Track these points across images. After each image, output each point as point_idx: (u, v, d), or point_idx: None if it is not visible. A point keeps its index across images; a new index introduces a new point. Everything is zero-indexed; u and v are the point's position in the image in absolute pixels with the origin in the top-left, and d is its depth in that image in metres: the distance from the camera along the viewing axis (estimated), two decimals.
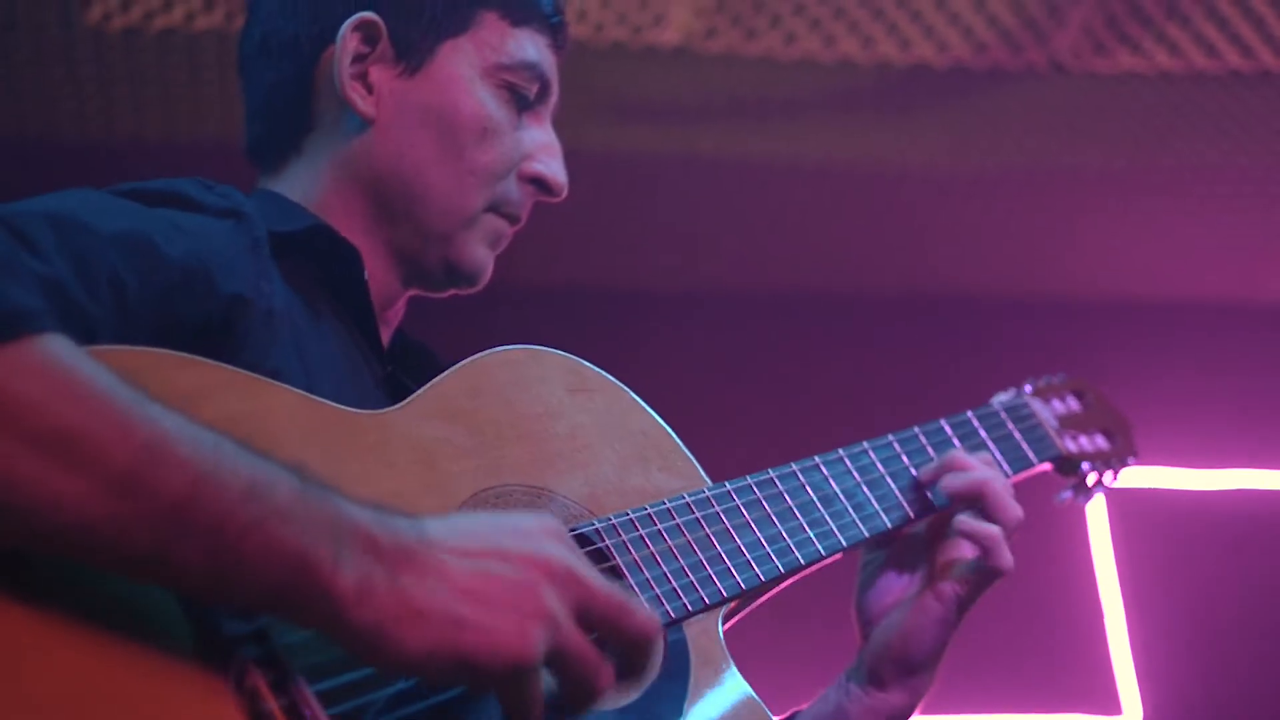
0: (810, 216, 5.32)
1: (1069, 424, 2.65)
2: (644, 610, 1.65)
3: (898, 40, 4.51)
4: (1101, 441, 2.69)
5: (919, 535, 2.31)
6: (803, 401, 5.34)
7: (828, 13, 4.41)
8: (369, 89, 2.17)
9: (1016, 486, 2.37)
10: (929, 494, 2.30)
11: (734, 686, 1.97)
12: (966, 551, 2.25)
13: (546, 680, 1.59)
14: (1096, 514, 5.43)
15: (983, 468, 2.28)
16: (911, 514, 2.28)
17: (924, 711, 2.29)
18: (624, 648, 1.65)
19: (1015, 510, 2.25)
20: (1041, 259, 5.55)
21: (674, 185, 4.99)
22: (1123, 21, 4.45)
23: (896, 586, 2.31)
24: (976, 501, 2.25)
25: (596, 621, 1.61)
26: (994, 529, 2.24)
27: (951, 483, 2.27)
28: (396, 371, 2.18)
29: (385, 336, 2.23)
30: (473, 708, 1.69)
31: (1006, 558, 2.23)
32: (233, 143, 2.30)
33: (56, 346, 1.47)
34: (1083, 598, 5.41)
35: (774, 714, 1.97)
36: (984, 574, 2.24)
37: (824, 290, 5.64)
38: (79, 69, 4.53)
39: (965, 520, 2.26)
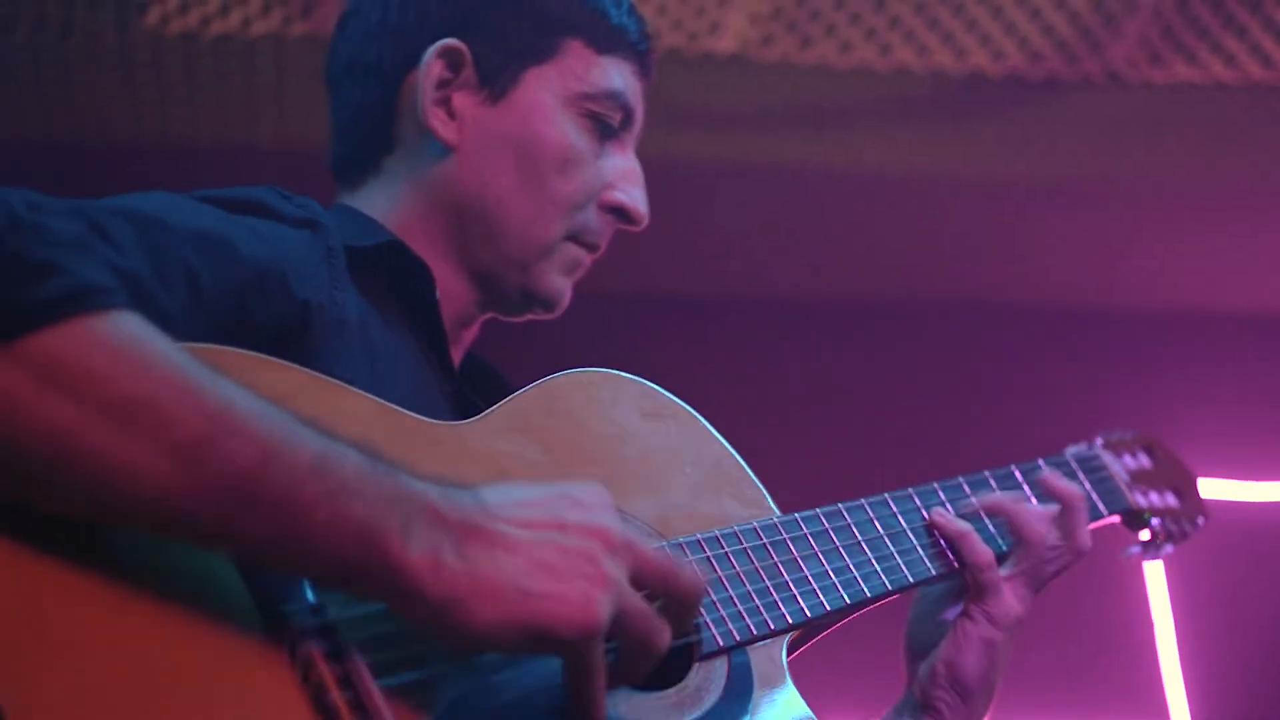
0: (864, 225, 5.31)
1: (1139, 479, 2.63)
2: (690, 569, 1.72)
3: (953, 49, 4.51)
4: (1171, 499, 2.67)
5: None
6: (856, 412, 5.34)
7: (883, 21, 4.41)
8: (451, 115, 2.18)
9: None
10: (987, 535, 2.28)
11: (796, 712, 1.97)
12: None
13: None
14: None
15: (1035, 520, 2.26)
16: (933, 572, 2.23)
17: None
18: (674, 607, 1.69)
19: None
20: (1096, 269, 5.53)
21: (729, 193, 4.99)
22: (1179, 32, 4.44)
23: (945, 618, 2.28)
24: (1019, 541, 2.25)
25: (649, 583, 1.67)
26: (1077, 490, 2.29)
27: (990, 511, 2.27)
28: (465, 389, 2.19)
29: (457, 356, 2.24)
30: (523, 680, 1.71)
31: (1084, 535, 2.26)
32: (287, 147, 2.32)
33: (125, 320, 1.49)
34: (1132, 606, 5.40)
35: None
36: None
37: (878, 299, 5.63)
38: (135, 73, 4.55)
39: (1049, 476, 2.30)
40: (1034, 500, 2.35)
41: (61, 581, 1.47)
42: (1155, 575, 5.40)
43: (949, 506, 2.27)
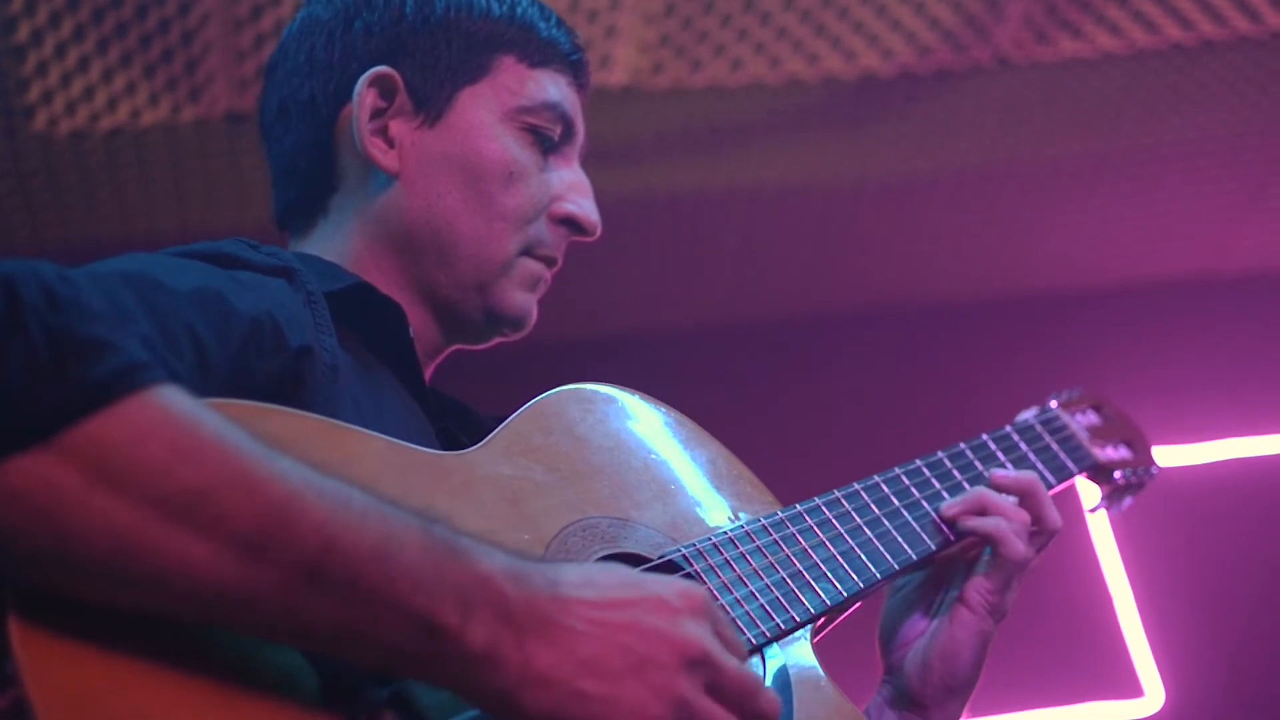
0: (773, 241, 5.32)
1: (1096, 435, 2.69)
2: (769, 694, 1.67)
3: (842, 53, 4.54)
4: (1126, 452, 2.75)
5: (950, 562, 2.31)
6: (793, 426, 5.34)
7: (770, 34, 4.43)
8: (390, 143, 2.16)
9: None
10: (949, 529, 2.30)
11: (837, 701, 2.01)
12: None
13: None
14: (1091, 499, 5.42)
15: (998, 514, 2.26)
16: (933, 547, 2.27)
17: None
18: None
19: (1020, 549, 2.24)
20: (1008, 254, 5.57)
21: (633, 225, 4.99)
22: (1061, 8, 4.48)
23: (926, 613, 2.29)
24: (989, 543, 2.25)
25: (726, 700, 1.62)
26: (997, 522, 2.23)
27: (967, 524, 2.25)
28: (448, 426, 2.17)
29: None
30: None
31: (1017, 547, 2.22)
32: (190, 232, 2.29)
33: (174, 398, 1.44)
34: (1089, 585, 5.41)
35: None
36: (1004, 569, 2.24)
37: (796, 313, 5.64)
38: (29, 180, 4.52)
39: (969, 521, 2.26)
40: (1002, 457, 2.43)
41: (111, 655, 1.43)
42: (1107, 549, 5.41)
43: (933, 484, 2.31)
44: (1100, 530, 5.42)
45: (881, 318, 5.66)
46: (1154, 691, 5.31)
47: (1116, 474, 2.70)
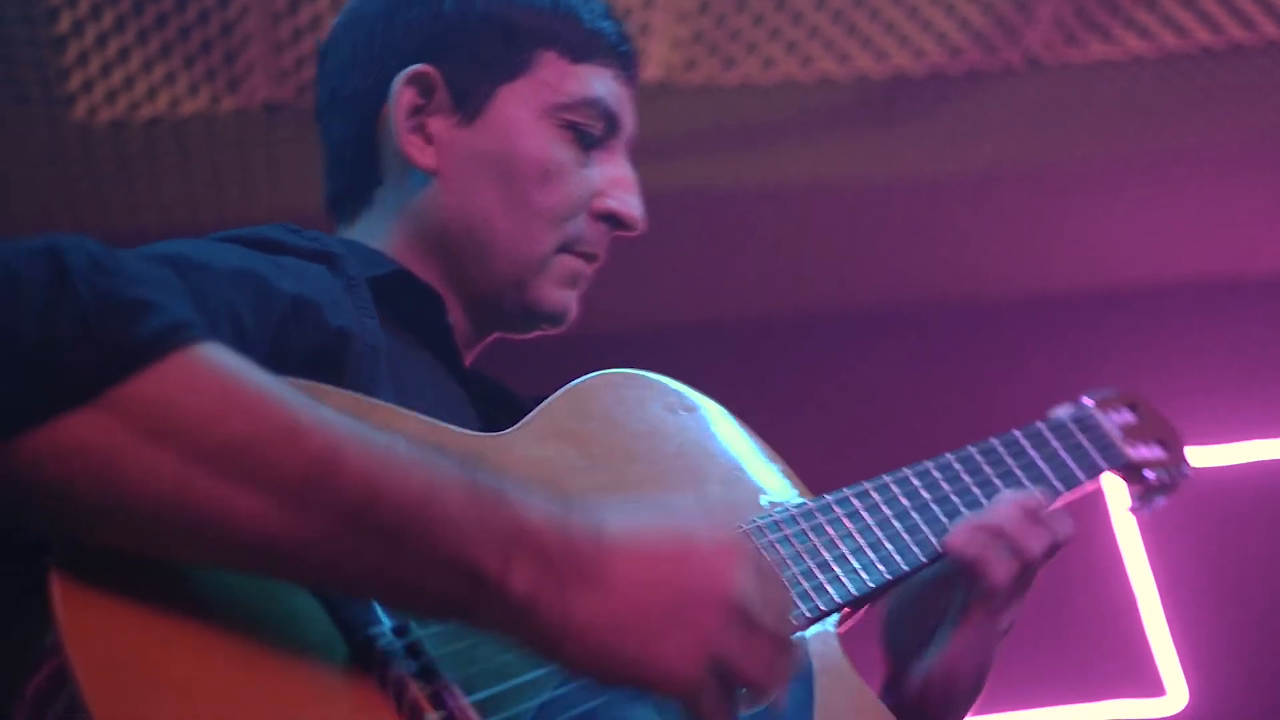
0: (803, 238, 5.34)
1: (1129, 434, 2.68)
2: (798, 648, 1.69)
3: (874, 53, 4.55)
4: (1159, 451, 2.72)
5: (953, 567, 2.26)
6: (820, 423, 5.35)
7: (802, 33, 4.45)
8: (428, 140, 2.16)
9: None
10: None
11: (859, 690, 2.03)
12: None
13: None
14: (1117, 499, 5.44)
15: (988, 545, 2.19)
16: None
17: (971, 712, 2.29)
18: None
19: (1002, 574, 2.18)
20: (1036, 254, 5.58)
21: (664, 220, 5.00)
22: (1091, 10, 4.49)
23: (929, 621, 2.25)
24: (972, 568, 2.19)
25: (759, 656, 1.63)
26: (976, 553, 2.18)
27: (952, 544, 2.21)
28: (489, 410, 2.18)
29: None
30: (621, 715, 1.70)
31: (997, 574, 2.16)
32: (228, 222, 2.30)
33: (218, 353, 1.46)
34: (1113, 582, 5.42)
35: None
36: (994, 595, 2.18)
37: (825, 309, 5.66)
38: (69, 168, 4.56)
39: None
40: (1034, 454, 2.42)
41: (151, 625, 1.46)
42: (1133, 547, 5.43)
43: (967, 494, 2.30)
44: (1126, 529, 5.44)
45: (909, 316, 5.67)
46: (1177, 691, 5.32)
47: (1148, 473, 2.68)
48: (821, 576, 2.05)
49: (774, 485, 2.15)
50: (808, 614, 2.00)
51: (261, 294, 1.74)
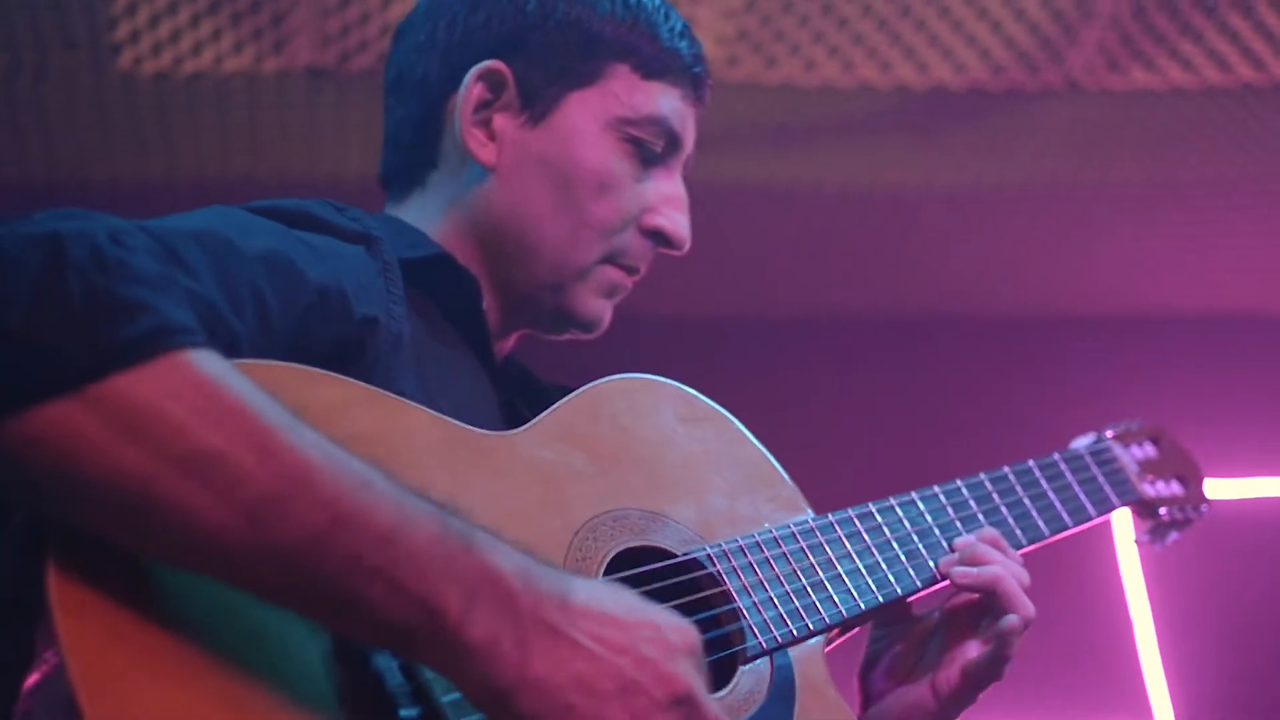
0: (831, 242, 5.35)
1: (1147, 469, 2.70)
2: None
3: (915, 64, 4.56)
4: (1177, 488, 2.75)
5: (932, 620, 2.28)
6: (835, 429, 5.37)
7: (846, 39, 4.46)
8: (491, 136, 2.17)
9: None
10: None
11: (838, 710, 2.04)
12: (972, 650, 2.21)
13: None
14: (1121, 523, 5.46)
15: (996, 564, 2.21)
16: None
17: None
18: None
19: (1028, 607, 2.18)
20: (1064, 275, 5.58)
21: (695, 213, 5.02)
22: (1137, 39, 4.49)
23: (901, 671, 2.27)
24: (988, 598, 2.20)
25: None
26: (996, 571, 2.19)
27: (963, 577, 2.21)
28: (511, 398, 2.20)
29: None
30: None
31: (1021, 606, 2.17)
32: (262, 183, 2.32)
33: (207, 362, 1.48)
34: (1111, 605, 5.43)
35: None
36: (987, 667, 2.19)
37: (848, 314, 5.67)
38: (110, 115, 4.58)
39: (962, 573, 2.21)
40: (1045, 484, 2.44)
41: (147, 626, 1.48)
42: (1133, 574, 5.44)
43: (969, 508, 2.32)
44: (1128, 555, 5.45)
45: (928, 327, 5.68)
46: (1163, 716, 5.33)
47: (1162, 510, 2.70)
48: (814, 596, 2.07)
49: (780, 500, 2.16)
50: (795, 632, 2.02)
51: (289, 281, 1.76)
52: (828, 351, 5.60)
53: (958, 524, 2.29)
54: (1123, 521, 5.45)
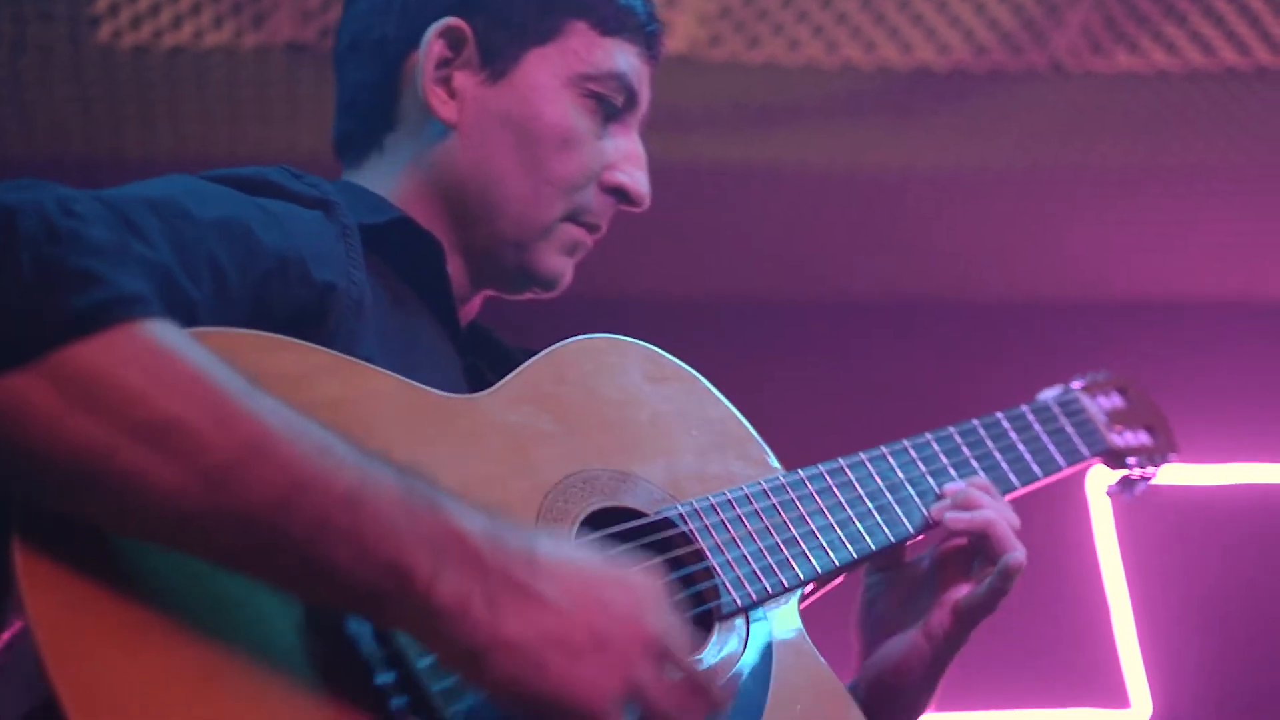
0: (814, 222, 5.35)
1: (1115, 419, 2.70)
2: (718, 690, 1.70)
3: (899, 44, 4.56)
4: (1145, 437, 2.75)
5: (922, 566, 2.30)
6: (811, 408, 5.36)
7: (830, 18, 4.45)
8: (452, 94, 2.17)
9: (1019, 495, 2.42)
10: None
11: (814, 665, 2.02)
12: (964, 591, 2.23)
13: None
14: (1100, 509, 5.47)
15: (988, 506, 2.24)
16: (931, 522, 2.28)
17: (931, 709, 2.30)
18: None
19: (1020, 549, 2.20)
20: (1045, 258, 5.59)
21: (677, 192, 5.02)
22: (1120, 21, 4.49)
23: (894, 618, 2.29)
24: (981, 540, 2.22)
25: (676, 691, 1.65)
26: (989, 515, 2.22)
27: (956, 522, 2.24)
28: (475, 361, 2.20)
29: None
30: None
31: (1015, 547, 2.20)
32: (241, 158, 2.31)
33: (162, 331, 1.47)
34: (1088, 593, 5.44)
35: None
36: (982, 600, 2.21)
37: (828, 295, 5.67)
38: (89, 89, 4.56)
39: (955, 517, 2.24)
40: (1014, 436, 2.45)
41: (115, 597, 1.47)
42: (1110, 559, 5.44)
43: (947, 475, 2.32)
44: (1105, 539, 5.46)
45: (909, 308, 5.68)
46: (1141, 704, 5.35)
47: (1130, 459, 2.70)
48: (787, 552, 2.07)
49: (750, 459, 2.15)
50: (769, 589, 2.01)
51: (246, 248, 1.75)
52: (808, 332, 5.60)
53: (927, 478, 2.30)
54: (1101, 509, 5.47)
